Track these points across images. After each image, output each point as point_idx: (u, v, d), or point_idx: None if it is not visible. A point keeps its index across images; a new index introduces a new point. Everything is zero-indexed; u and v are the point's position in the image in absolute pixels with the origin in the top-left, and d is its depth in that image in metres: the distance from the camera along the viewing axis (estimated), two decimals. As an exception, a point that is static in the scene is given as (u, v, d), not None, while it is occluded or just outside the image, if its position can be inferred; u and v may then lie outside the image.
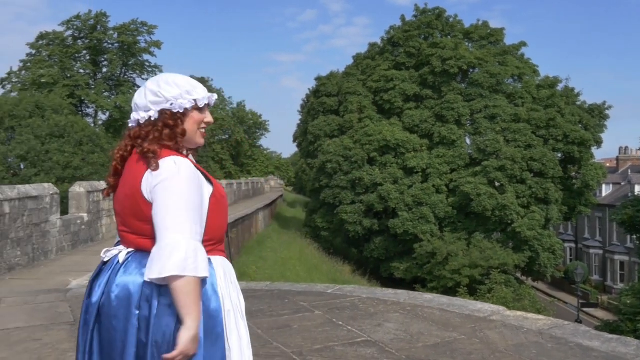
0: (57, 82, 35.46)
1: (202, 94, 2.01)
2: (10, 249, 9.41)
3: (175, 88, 1.97)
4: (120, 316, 1.83)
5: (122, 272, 1.86)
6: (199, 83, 2.05)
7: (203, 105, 2.01)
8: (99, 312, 1.87)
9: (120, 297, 1.83)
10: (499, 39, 37.67)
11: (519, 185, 32.04)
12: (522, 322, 4.87)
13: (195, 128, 2.00)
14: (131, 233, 1.92)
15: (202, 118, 2.02)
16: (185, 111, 1.98)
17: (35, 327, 4.77)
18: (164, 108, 1.96)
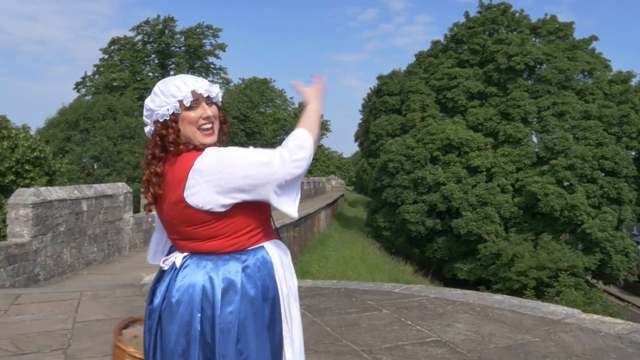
0: (128, 85, 36.86)
1: (185, 91, 1.89)
2: (87, 245, 9.87)
3: (159, 96, 1.91)
4: (182, 320, 1.83)
5: (181, 276, 1.86)
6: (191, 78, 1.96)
7: (191, 104, 1.89)
8: (160, 317, 1.87)
9: (181, 301, 1.83)
10: (567, 33, 36.41)
11: (590, 184, 30.87)
12: (598, 326, 4.70)
13: (192, 128, 1.89)
14: (183, 239, 1.91)
15: (194, 116, 1.90)
16: (175, 115, 1.89)
17: (114, 320, 4.98)
18: (155, 119, 1.92)
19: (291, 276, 2.00)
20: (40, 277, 8.83)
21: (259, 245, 1.92)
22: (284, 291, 1.92)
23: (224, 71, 41.97)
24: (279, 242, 2.01)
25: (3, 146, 12.85)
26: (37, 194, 8.80)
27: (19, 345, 4.25)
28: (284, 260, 1.97)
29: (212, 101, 1.97)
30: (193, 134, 1.89)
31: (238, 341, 1.81)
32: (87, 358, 3.96)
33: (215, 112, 1.96)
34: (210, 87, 1.96)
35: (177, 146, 1.88)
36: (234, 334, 1.80)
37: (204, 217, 1.83)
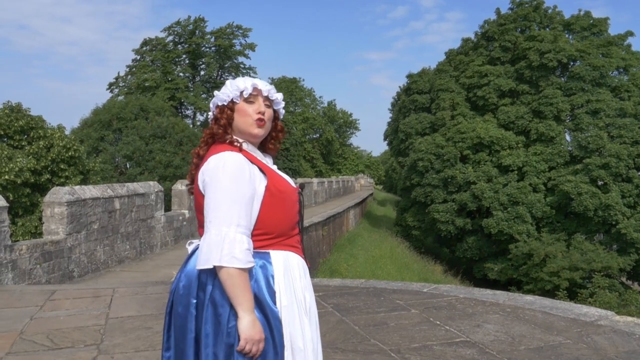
0: (160, 85, 37.35)
1: (248, 84, 2.06)
2: (120, 242, 10.05)
3: (226, 87, 2.10)
4: (183, 303, 1.94)
5: (189, 263, 1.99)
6: (257, 80, 2.11)
7: (250, 96, 2.05)
8: (172, 299, 2.01)
9: (184, 286, 1.94)
10: (602, 29, 35.59)
11: (625, 184, 30.17)
12: (633, 329, 4.61)
13: (245, 119, 2.05)
14: (199, 225, 2.04)
15: (251, 109, 2.05)
16: (233, 104, 2.07)
17: (146, 316, 5.07)
18: (215, 103, 2.12)
19: (302, 291, 2.03)
20: (75, 274, 9.03)
21: (264, 251, 1.96)
22: (283, 302, 1.95)
23: (253, 71, 42.16)
24: (292, 254, 2.03)
25: (39, 146, 13.16)
26: (71, 193, 8.99)
27: (54, 340, 4.36)
28: (292, 273, 2.00)
29: (272, 106, 2.12)
30: (245, 124, 2.05)
31: (228, 335, 1.86)
32: (120, 353, 4.04)
33: (270, 114, 2.11)
34: (272, 90, 2.11)
35: (224, 130, 2.04)
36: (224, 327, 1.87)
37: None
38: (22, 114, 14.48)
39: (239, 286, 1.84)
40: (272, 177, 2.01)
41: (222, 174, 1.90)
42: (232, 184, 1.89)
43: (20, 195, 12.17)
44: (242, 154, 1.98)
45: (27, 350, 4.14)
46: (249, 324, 1.84)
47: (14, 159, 12.21)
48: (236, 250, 1.83)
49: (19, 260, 7.75)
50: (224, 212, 1.86)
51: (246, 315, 1.84)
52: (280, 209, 1.99)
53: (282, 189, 2.01)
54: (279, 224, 1.99)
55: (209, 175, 1.93)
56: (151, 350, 4.09)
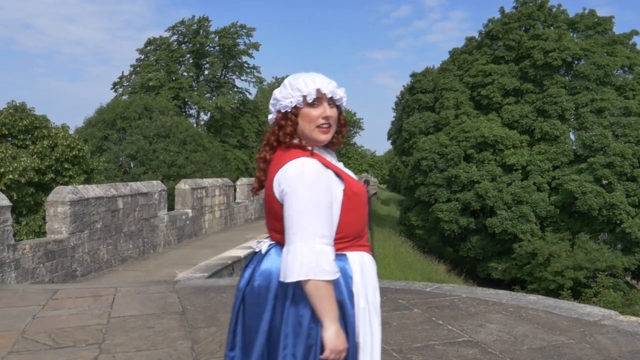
0: (164, 85, 37.33)
1: (311, 88, 1.98)
2: (123, 242, 10.07)
3: (286, 88, 2.01)
4: (259, 302, 1.93)
5: (264, 262, 1.97)
6: (320, 78, 2.04)
7: (314, 100, 1.98)
8: (244, 297, 2.00)
9: (260, 286, 1.94)
10: (607, 28, 35.46)
11: (629, 183, 30.05)
12: (636, 328, 4.59)
13: (310, 125, 1.98)
14: (270, 229, 2.02)
15: (315, 114, 1.98)
16: (297, 109, 1.99)
17: (148, 316, 5.08)
18: (278, 109, 2.03)
19: (373, 291, 2.02)
20: (78, 273, 9.05)
21: (341, 253, 1.95)
22: (360, 304, 1.95)
23: (257, 70, 41.97)
24: (366, 255, 2.03)
25: (43, 145, 13.20)
26: (74, 192, 9.01)
27: (56, 339, 4.37)
28: (366, 274, 1.99)
29: (335, 103, 2.04)
30: (310, 130, 1.98)
31: (309, 336, 1.86)
32: (121, 352, 4.04)
33: (335, 115, 2.03)
34: (335, 90, 2.03)
35: (290, 138, 1.98)
36: (305, 329, 1.86)
37: (282, 212, 1.90)
38: (26, 113, 14.53)
39: (326, 298, 1.83)
40: (347, 180, 1.99)
41: (301, 184, 1.86)
42: (313, 195, 1.85)
43: (25, 194, 12.21)
44: (316, 159, 1.94)
45: (29, 349, 4.15)
46: (334, 334, 1.83)
47: (18, 158, 12.25)
48: (323, 262, 1.81)
49: (22, 259, 7.77)
50: (307, 224, 1.83)
51: (332, 326, 1.83)
52: (355, 211, 1.98)
53: (356, 191, 1.99)
54: (355, 225, 1.99)
55: (288, 185, 1.88)
56: (152, 350, 4.09)
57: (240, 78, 42.35)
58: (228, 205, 16.22)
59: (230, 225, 16.40)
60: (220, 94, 39.62)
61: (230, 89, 40.91)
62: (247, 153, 40.37)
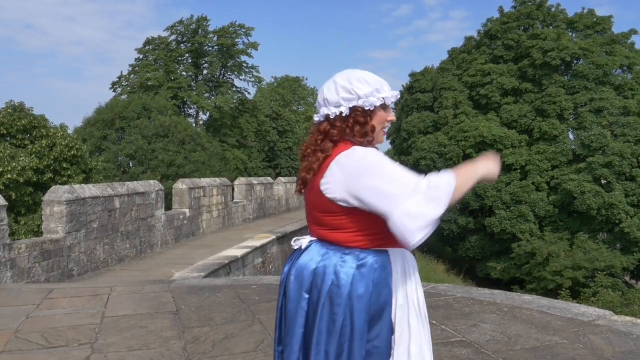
0: (162, 84, 37.32)
1: (390, 92, 2.03)
2: (120, 241, 10.06)
3: (367, 86, 2.00)
4: (293, 298, 1.97)
5: (303, 258, 2.00)
6: (385, 82, 2.06)
7: (388, 104, 2.04)
8: (285, 292, 2.04)
9: (296, 281, 1.98)
10: (606, 27, 35.47)
11: (629, 182, 30.07)
12: (631, 328, 4.58)
13: (380, 127, 2.03)
14: (314, 224, 2.03)
15: (386, 117, 2.04)
16: (375, 109, 2.01)
17: (142, 315, 5.07)
18: (355, 105, 1.99)
19: (415, 289, 2.02)
20: (74, 273, 9.04)
21: (382, 250, 1.96)
22: (398, 301, 1.96)
23: (256, 70, 41.95)
24: (407, 252, 2.05)
25: (42, 145, 13.20)
26: (71, 192, 9.00)
27: (48, 339, 4.36)
28: (407, 271, 2.01)
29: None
30: (377, 132, 2.02)
31: (342, 335, 1.87)
32: (114, 352, 4.04)
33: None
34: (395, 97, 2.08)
35: (365, 137, 1.99)
36: (339, 327, 1.88)
37: (333, 208, 1.92)
38: (25, 113, 14.53)
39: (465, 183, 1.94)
40: None
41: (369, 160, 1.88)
42: (385, 160, 1.89)
43: (23, 194, 12.21)
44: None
45: (22, 349, 4.14)
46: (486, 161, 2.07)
47: (16, 158, 12.25)
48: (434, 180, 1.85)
49: (18, 259, 7.76)
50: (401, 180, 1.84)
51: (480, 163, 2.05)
52: None
53: None
54: None
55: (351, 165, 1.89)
56: (145, 350, 4.08)
57: (239, 78, 42.35)
58: (226, 205, 16.22)
59: (229, 225, 16.39)
60: (219, 93, 39.59)
61: (229, 89, 40.89)
62: (246, 153, 40.35)
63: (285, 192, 23.05)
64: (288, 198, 23.56)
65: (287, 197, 23.33)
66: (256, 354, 3.97)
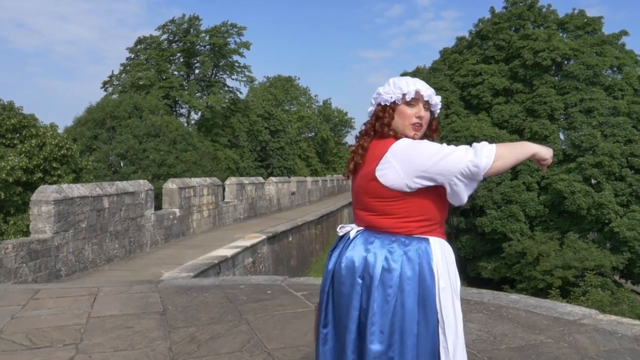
0: (154, 84, 37.16)
1: (411, 88, 2.19)
2: (109, 241, 10.01)
3: (390, 85, 2.23)
4: (347, 283, 2.13)
5: (351, 246, 2.16)
6: (420, 82, 2.22)
7: (411, 100, 2.19)
8: (333, 278, 2.20)
9: (347, 267, 2.13)
10: (596, 28, 35.69)
11: (618, 182, 30.27)
12: (615, 327, 4.60)
13: (404, 122, 2.19)
14: (362, 209, 2.21)
15: (411, 112, 2.19)
16: (395, 105, 2.20)
17: (128, 316, 5.04)
18: (378, 102, 2.25)
19: (454, 275, 2.18)
20: (62, 273, 8.99)
21: (424, 237, 2.13)
22: (440, 284, 2.09)
23: (248, 69, 41.89)
24: (444, 242, 2.19)
25: (31, 144, 13.11)
26: (59, 191, 8.95)
27: (33, 340, 4.33)
28: (446, 257, 2.16)
29: (430, 108, 2.26)
30: (403, 126, 2.19)
31: (394, 314, 2.04)
32: (98, 353, 4.01)
33: (427, 118, 2.25)
34: (432, 95, 2.23)
35: (387, 128, 2.19)
36: (392, 306, 2.05)
37: (385, 193, 2.11)
38: (14, 112, 14.43)
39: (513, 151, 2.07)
40: None
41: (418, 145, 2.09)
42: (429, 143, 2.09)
43: (12, 193, 12.12)
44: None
45: (5, 349, 4.11)
46: (540, 147, 2.12)
47: (5, 157, 12.17)
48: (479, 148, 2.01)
49: (4, 259, 7.71)
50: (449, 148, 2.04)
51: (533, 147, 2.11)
52: (443, 199, 2.14)
53: None
54: (440, 212, 2.17)
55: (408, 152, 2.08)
56: (130, 350, 4.06)
57: (231, 77, 42.25)
58: (217, 205, 16.17)
59: (219, 224, 16.35)
60: (210, 93, 39.49)
61: (221, 88, 40.80)
62: (238, 152, 40.26)
63: (277, 192, 23.02)
64: (279, 198, 23.52)
65: (278, 197, 23.30)
66: (242, 353, 3.96)
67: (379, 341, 2.04)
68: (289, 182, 25.58)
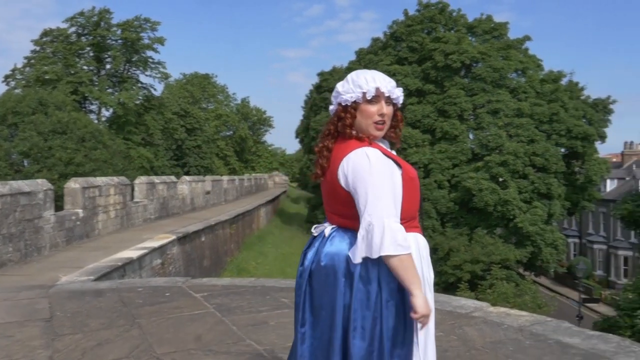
0: (61, 78, 35.44)
1: (371, 86, 2.14)
2: (1, 245, 9.41)
3: (349, 83, 2.21)
4: (328, 281, 2.13)
5: (329, 244, 2.18)
6: (380, 77, 2.19)
7: (372, 98, 2.15)
8: (310, 276, 2.20)
9: (327, 265, 2.14)
10: (502, 33, 37.43)
11: (521, 180, 31.88)
12: (503, 319, 4.80)
13: (367, 121, 2.16)
14: (331, 212, 2.26)
15: (372, 110, 2.16)
16: (356, 104, 2.17)
17: (10, 324, 4.74)
18: (339, 101, 2.23)
19: (428, 269, 2.23)
20: (-52, 280, 8.34)
21: None
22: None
23: (162, 65, 40.74)
24: (419, 236, 2.22)
25: None
26: (-57, 192, 8.31)
27: None
28: (421, 253, 2.19)
29: (392, 102, 2.22)
30: (366, 125, 2.17)
31: (375, 310, 2.07)
32: (-31, 365, 3.74)
33: (390, 113, 2.22)
34: (393, 89, 2.20)
35: (349, 130, 2.17)
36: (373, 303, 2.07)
37: (348, 198, 2.13)
38: None
39: (411, 269, 2.02)
40: (404, 166, 2.16)
41: (370, 171, 2.05)
42: (381, 179, 2.04)
43: None
44: (376, 148, 2.13)
45: None
46: (423, 301, 2.03)
47: None
48: (399, 239, 2.00)
49: None
50: (382, 205, 2.01)
51: (420, 293, 2.03)
52: (411, 195, 2.15)
53: (412, 176, 2.18)
54: (411, 208, 2.17)
55: (356, 172, 2.08)
56: (6, 360, 3.81)
57: (145, 73, 40.96)
58: (125, 205, 15.60)
59: (128, 225, 15.79)
60: (123, 89, 38.14)
61: (134, 85, 39.51)
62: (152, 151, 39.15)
63: (190, 191, 22.54)
64: (193, 197, 23.05)
65: (192, 196, 22.82)
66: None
67: (361, 336, 2.07)
68: (203, 182, 25.13)
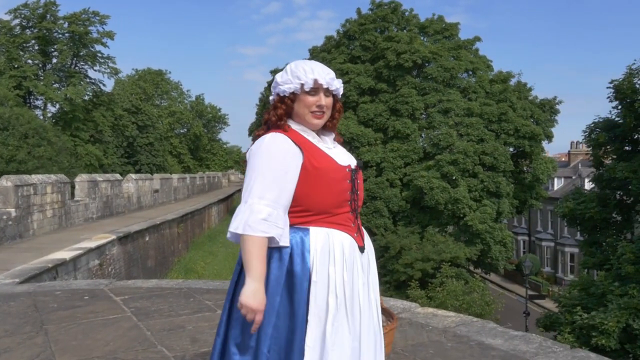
0: (3, 72, 34.13)
1: (309, 78, 2.12)
2: None
3: (287, 73, 2.18)
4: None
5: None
6: (319, 68, 2.17)
7: (310, 89, 2.13)
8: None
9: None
10: (453, 33, 37.89)
11: (471, 179, 32.30)
12: (429, 320, 4.74)
13: (304, 110, 2.15)
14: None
15: (310, 101, 2.15)
16: (294, 95, 2.15)
17: None
18: (277, 92, 2.20)
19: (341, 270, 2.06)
20: None
21: (304, 227, 2.06)
22: (312, 277, 2.02)
23: (112, 60, 39.71)
24: (336, 232, 2.10)
25: None
26: None
27: None
28: (333, 251, 2.06)
29: (331, 93, 2.21)
30: (304, 114, 2.16)
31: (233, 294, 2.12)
32: None
33: (329, 103, 2.22)
34: (332, 81, 2.18)
35: (278, 120, 2.15)
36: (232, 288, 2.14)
37: None
38: None
39: (250, 253, 1.93)
40: (310, 154, 2.08)
41: (256, 153, 2.05)
42: (263, 161, 2.02)
43: None
44: (285, 135, 2.09)
45: None
46: (251, 292, 1.92)
47: None
48: (251, 219, 1.94)
49: None
50: (251, 186, 1.99)
51: (251, 283, 1.93)
52: (319, 186, 2.06)
53: (318, 166, 2.08)
54: (320, 201, 2.08)
55: (249, 155, 2.09)
56: None
57: (94, 68, 39.86)
58: (63, 204, 15.06)
59: (67, 225, 15.25)
60: (70, 84, 36.97)
61: (82, 80, 38.39)
62: (101, 148, 38.14)
63: (137, 190, 21.99)
64: (140, 196, 22.50)
65: (138, 195, 22.27)
66: (24, 370, 3.56)
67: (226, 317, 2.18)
68: (151, 180, 24.58)
